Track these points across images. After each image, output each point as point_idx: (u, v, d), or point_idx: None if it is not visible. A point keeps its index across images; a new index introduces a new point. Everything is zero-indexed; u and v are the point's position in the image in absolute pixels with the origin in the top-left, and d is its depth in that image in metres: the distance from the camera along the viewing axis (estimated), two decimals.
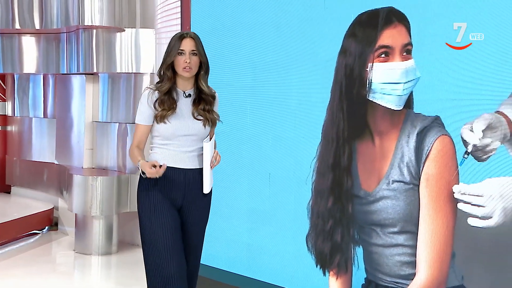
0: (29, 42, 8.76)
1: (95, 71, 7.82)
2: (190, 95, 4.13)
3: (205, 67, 4.12)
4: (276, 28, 4.96)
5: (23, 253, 7.53)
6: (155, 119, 4.09)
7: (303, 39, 4.75)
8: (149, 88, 4.13)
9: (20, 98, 9.61)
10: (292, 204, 4.84)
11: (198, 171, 4.18)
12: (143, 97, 4.12)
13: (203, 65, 4.09)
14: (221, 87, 4.32)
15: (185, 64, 4.00)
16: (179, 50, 4.03)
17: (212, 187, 4.21)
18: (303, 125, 4.75)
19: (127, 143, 7.72)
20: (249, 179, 5.22)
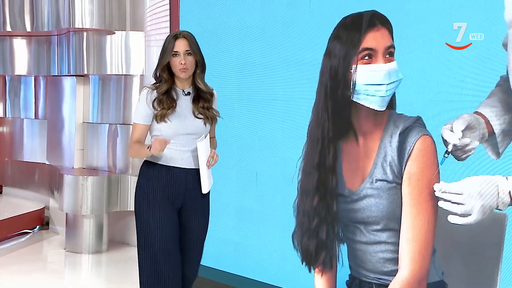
0: (20, 44, 8.78)
1: (86, 73, 7.85)
2: (189, 93, 4.14)
3: (201, 66, 4.12)
4: (262, 31, 4.99)
5: (14, 252, 7.55)
6: (155, 118, 4.08)
7: (289, 42, 4.79)
8: (148, 87, 4.12)
9: (11, 99, 9.62)
10: (278, 202, 4.87)
11: (199, 171, 4.19)
12: (141, 96, 4.11)
13: (198, 64, 4.10)
14: None
15: (180, 65, 4.00)
16: (173, 51, 4.04)
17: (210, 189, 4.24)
18: (289, 125, 4.79)
19: (117, 143, 7.75)
20: (237, 179, 5.25)
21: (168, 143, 3.95)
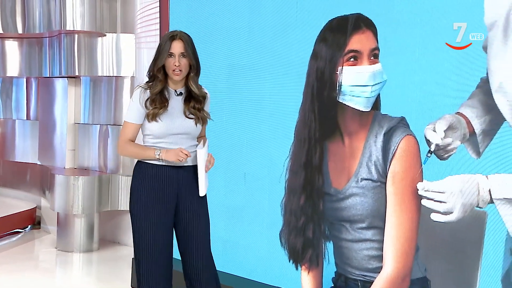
0: (12, 46, 8.80)
1: (77, 74, 7.88)
2: (181, 93, 4.17)
3: (195, 69, 4.16)
4: (250, 33, 5.03)
5: (6, 251, 7.58)
6: (146, 117, 4.10)
7: (276, 43, 4.83)
8: (141, 86, 4.14)
9: (3, 100, 9.64)
10: (266, 201, 4.91)
11: (190, 168, 4.22)
12: (134, 95, 4.13)
13: (192, 67, 4.13)
14: None
15: (174, 67, 4.04)
16: (169, 52, 4.07)
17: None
18: (277, 126, 4.83)
19: (108, 144, 7.78)
20: (226, 178, 5.29)
21: (189, 156, 4.03)
